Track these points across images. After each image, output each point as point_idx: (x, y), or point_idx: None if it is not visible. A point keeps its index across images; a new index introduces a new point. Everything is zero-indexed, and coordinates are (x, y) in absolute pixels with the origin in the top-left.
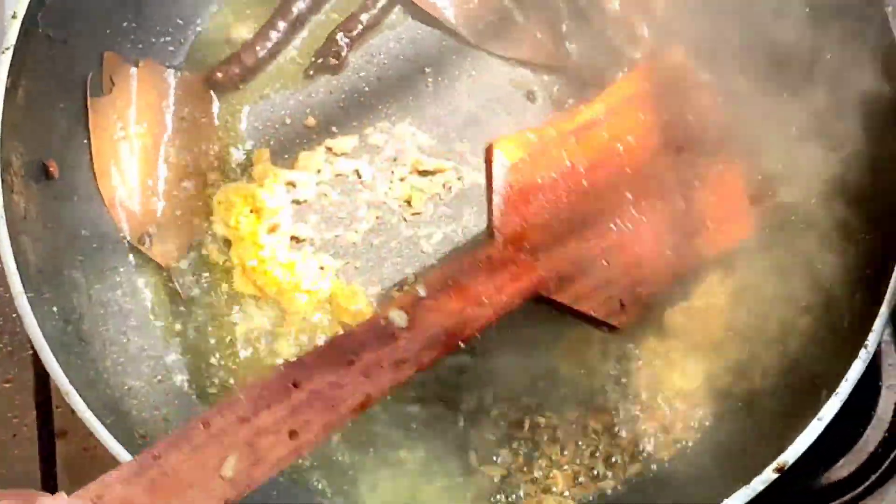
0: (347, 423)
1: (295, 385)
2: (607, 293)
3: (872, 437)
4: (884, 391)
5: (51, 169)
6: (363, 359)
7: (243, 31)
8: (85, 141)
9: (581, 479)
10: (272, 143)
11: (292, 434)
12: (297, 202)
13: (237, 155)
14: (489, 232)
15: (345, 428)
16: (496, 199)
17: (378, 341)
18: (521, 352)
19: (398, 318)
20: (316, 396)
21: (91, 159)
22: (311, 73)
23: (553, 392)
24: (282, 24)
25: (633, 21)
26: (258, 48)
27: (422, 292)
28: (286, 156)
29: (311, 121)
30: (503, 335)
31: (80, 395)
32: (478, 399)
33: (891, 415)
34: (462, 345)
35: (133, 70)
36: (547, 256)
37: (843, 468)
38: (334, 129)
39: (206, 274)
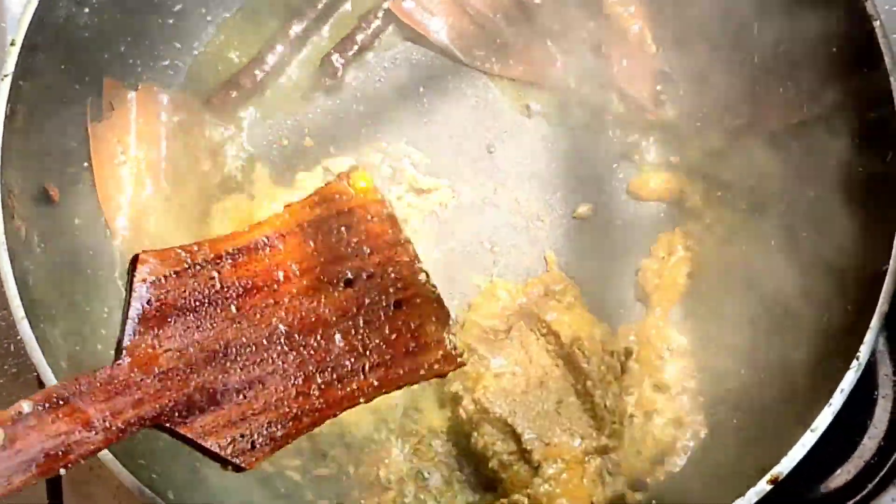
0: None
1: None
2: (239, 431)
3: (868, 446)
4: (879, 401)
5: (51, 193)
6: None
7: (241, 54)
8: (85, 164)
9: None
10: (270, 164)
11: None
12: None
13: (236, 176)
14: (117, 348)
15: None
16: (131, 315)
17: None
18: None
19: None
20: None
21: (92, 183)
22: (308, 93)
23: None
24: (279, 48)
25: (612, 44)
26: (256, 71)
27: (26, 409)
28: (284, 176)
29: (308, 141)
30: None
31: None
32: None
33: (886, 424)
34: (62, 471)
35: (132, 94)
36: (177, 384)
37: (839, 477)
38: (332, 149)
39: None
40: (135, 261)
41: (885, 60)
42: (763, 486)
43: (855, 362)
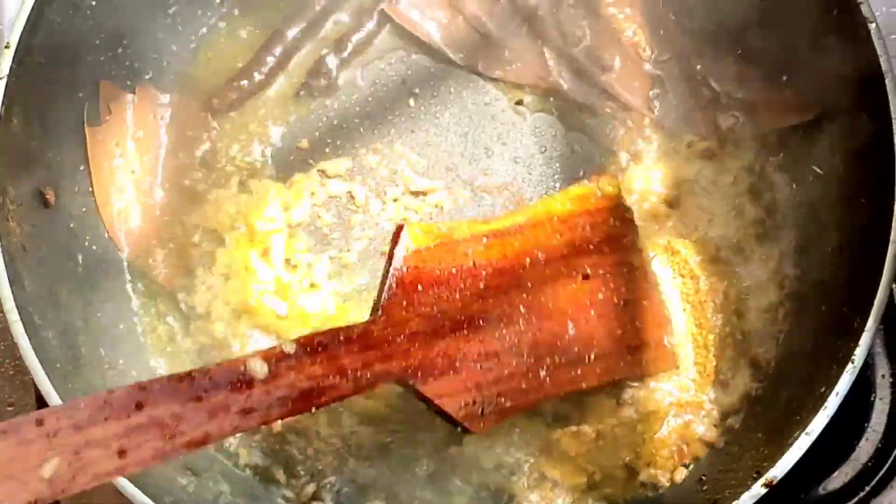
0: (181, 455)
1: (138, 407)
2: (472, 397)
3: (866, 448)
4: (877, 403)
5: (47, 196)
6: (212, 399)
7: (238, 55)
8: (82, 167)
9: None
10: (267, 164)
11: (121, 453)
12: (290, 225)
13: (234, 176)
14: (374, 307)
15: (178, 459)
16: (391, 278)
17: (232, 385)
18: None
19: (259, 368)
20: (155, 423)
21: (89, 186)
22: (302, 94)
23: None
24: (277, 49)
25: (605, 47)
26: (254, 73)
27: (289, 349)
28: (281, 177)
29: (304, 143)
30: None
31: None
32: None
33: (884, 426)
34: (314, 410)
35: (130, 97)
36: (424, 346)
37: (836, 480)
38: (328, 150)
39: (207, 296)
40: (399, 229)
41: (882, 66)
42: (758, 490)
43: (850, 365)
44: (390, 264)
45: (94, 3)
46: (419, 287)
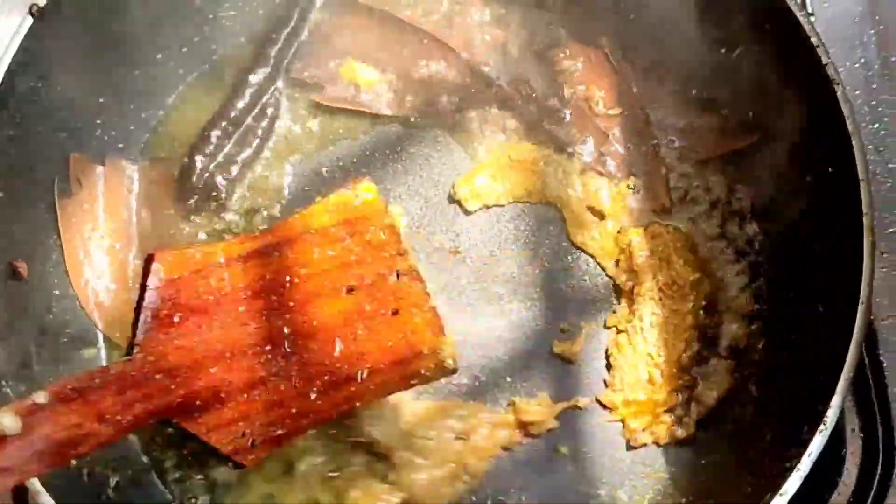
0: None
1: None
2: (241, 429)
3: (838, 502)
4: (847, 456)
5: (19, 269)
6: None
7: (201, 119)
8: (54, 238)
9: None
10: (240, 229)
11: None
12: None
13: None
14: (129, 346)
15: None
16: (144, 313)
17: None
18: None
19: (11, 423)
20: None
21: (61, 258)
22: (192, 212)
23: None
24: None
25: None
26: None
27: (42, 400)
28: None
29: (276, 210)
30: None
31: (50, 494)
32: None
33: (854, 480)
34: (74, 460)
35: (99, 169)
36: (186, 380)
37: None
38: None
39: None
40: (149, 259)
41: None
42: None
43: (822, 426)
44: (143, 298)
45: (63, 76)
46: (176, 319)
